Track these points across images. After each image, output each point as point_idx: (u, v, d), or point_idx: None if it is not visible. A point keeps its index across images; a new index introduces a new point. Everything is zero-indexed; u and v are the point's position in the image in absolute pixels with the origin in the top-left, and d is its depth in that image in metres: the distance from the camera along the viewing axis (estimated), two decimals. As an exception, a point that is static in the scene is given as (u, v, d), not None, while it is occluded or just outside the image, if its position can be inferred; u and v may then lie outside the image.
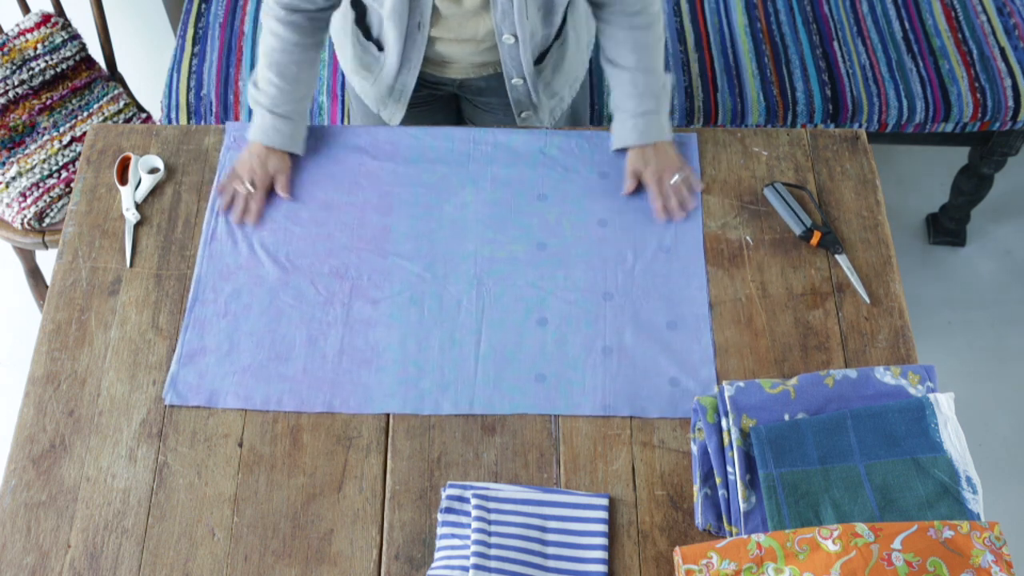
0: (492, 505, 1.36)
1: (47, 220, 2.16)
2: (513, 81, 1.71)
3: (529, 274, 1.59)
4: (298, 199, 1.66)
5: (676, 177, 1.63)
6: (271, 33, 1.62)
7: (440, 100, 1.90)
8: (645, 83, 1.64)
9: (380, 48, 1.71)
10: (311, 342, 1.52)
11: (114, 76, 2.39)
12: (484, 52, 1.69)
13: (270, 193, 1.65)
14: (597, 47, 2.33)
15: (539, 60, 1.71)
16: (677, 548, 1.31)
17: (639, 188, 1.67)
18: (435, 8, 1.58)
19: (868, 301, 1.57)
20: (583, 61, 1.84)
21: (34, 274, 2.41)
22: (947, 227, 2.75)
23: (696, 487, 1.38)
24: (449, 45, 1.68)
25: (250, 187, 1.62)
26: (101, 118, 2.28)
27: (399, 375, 1.49)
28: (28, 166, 2.17)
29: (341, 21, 1.78)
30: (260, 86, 1.65)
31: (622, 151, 1.68)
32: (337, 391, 1.48)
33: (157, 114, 2.46)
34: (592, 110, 2.29)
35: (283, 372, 1.49)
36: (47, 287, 1.99)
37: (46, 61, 2.25)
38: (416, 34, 1.62)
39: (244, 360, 1.50)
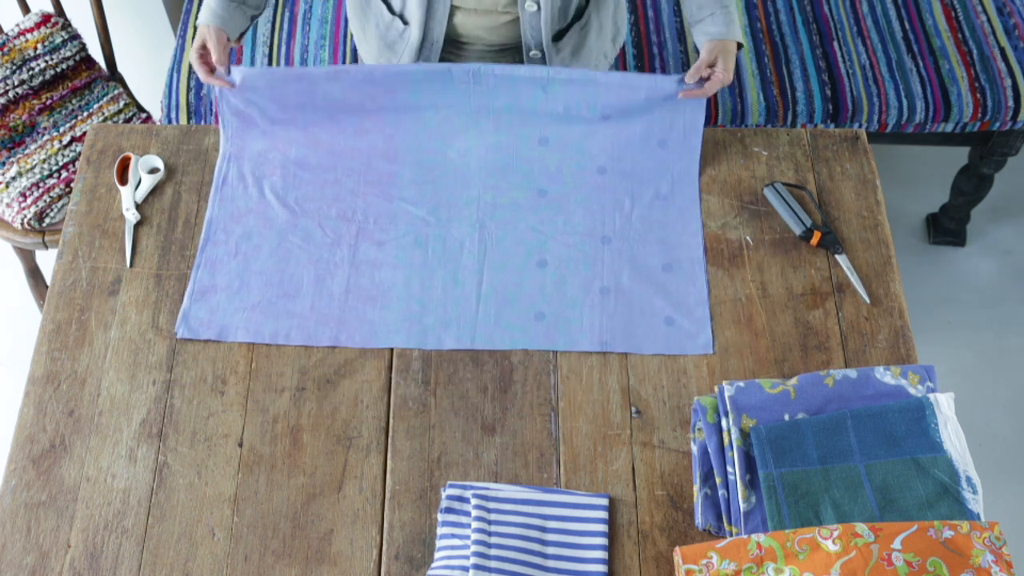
0: (492, 505, 1.36)
1: (47, 220, 2.16)
2: (531, 54, 1.72)
3: (530, 218, 1.64)
4: (305, 144, 1.69)
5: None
6: None
7: None
8: None
9: (405, 23, 1.72)
10: (318, 281, 1.58)
11: (114, 76, 2.39)
12: (503, 28, 1.69)
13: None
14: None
15: (558, 38, 1.72)
16: (677, 548, 1.31)
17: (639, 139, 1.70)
18: None
19: (868, 301, 1.57)
20: (605, 53, 1.83)
21: (34, 274, 2.41)
22: (947, 227, 2.75)
23: (696, 487, 1.38)
24: (469, 16, 1.68)
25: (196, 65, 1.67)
26: (101, 118, 2.28)
27: (403, 312, 1.55)
28: (28, 166, 2.17)
29: (363, 5, 1.78)
30: None
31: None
32: (343, 327, 1.53)
33: (157, 114, 2.46)
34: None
35: (291, 309, 1.55)
36: (47, 287, 1.99)
37: (46, 61, 2.25)
38: (437, 2, 1.64)
39: (253, 297, 1.56)
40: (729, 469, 1.36)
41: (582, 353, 1.52)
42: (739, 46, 1.66)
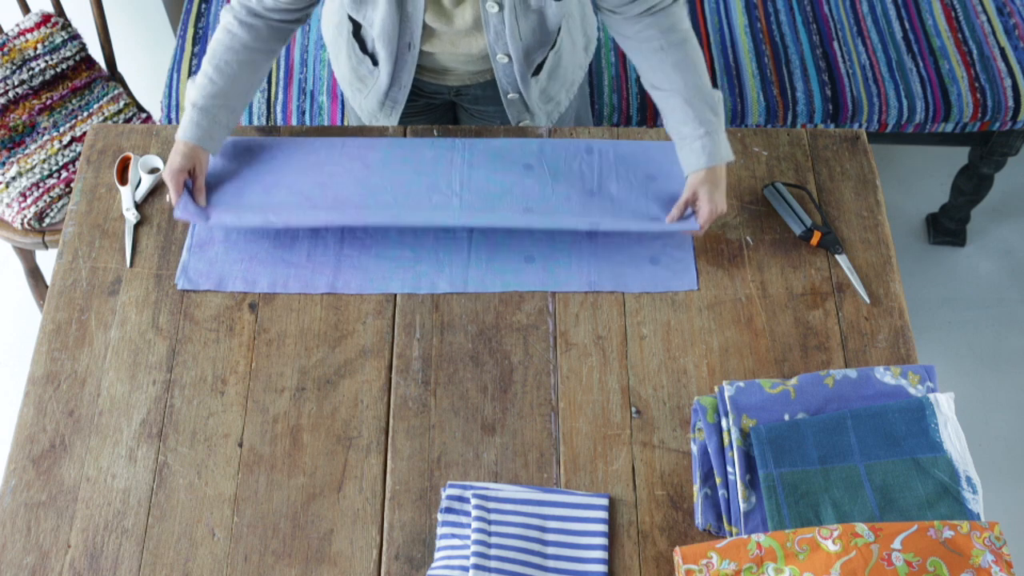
0: (492, 505, 1.36)
1: (47, 220, 2.16)
2: (509, 96, 1.71)
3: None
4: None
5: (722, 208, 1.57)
6: (225, 30, 1.57)
7: (436, 109, 1.89)
8: (699, 102, 1.54)
9: (375, 62, 1.70)
10: (314, 232, 1.62)
11: (114, 76, 2.39)
12: (480, 61, 1.69)
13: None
14: (599, 50, 2.33)
15: (536, 72, 1.71)
16: (677, 548, 1.31)
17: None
18: (426, 26, 1.57)
19: (868, 301, 1.57)
20: (580, 64, 1.83)
21: (34, 274, 2.41)
22: (947, 227, 2.75)
23: (696, 487, 1.38)
24: (444, 58, 1.68)
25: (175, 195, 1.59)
26: (101, 118, 2.28)
27: (397, 259, 1.60)
28: (28, 166, 2.17)
29: (336, 33, 1.77)
30: (196, 81, 1.59)
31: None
32: (339, 274, 1.58)
33: (157, 114, 2.46)
34: (592, 110, 2.29)
35: (288, 259, 1.60)
36: (47, 287, 1.99)
37: (46, 61, 2.25)
38: (406, 54, 1.62)
39: (251, 248, 1.60)
40: (729, 469, 1.36)
41: (582, 353, 1.52)
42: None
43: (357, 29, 1.69)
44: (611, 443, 1.44)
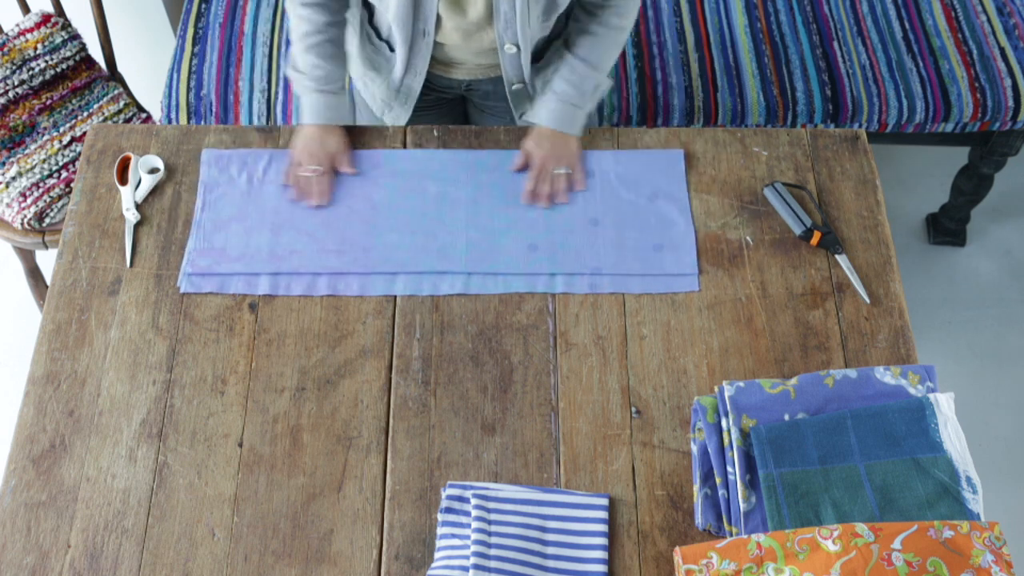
0: (492, 505, 1.36)
1: (47, 220, 2.16)
2: (514, 87, 1.72)
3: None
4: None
5: (563, 169, 1.66)
6: (301, 19, 1.64)
7: (446, 103, 1.90)
8: (583, 74, 1.66)
9: (392, 49, 1.72)
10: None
11: (114, 76, 2.39)
12: (491, 54, 1.70)
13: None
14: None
15: (537, 59, 1.72)
16: (677, 548, 1.31)
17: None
18: (440, 18, 1.59)
19: (868, 301, 1.57)
20: None
21: (34, 274, 2.41)
22: (947, 227, 2.75)
23: (696, 487, 1.38)
24: (455, 50, 1.69)
25: (316, 169, 1.66)
26: (101, 118, 2.28)
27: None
28: (28, 166, 2.17)
29: (351, 21, 1.77)
30: (303, 69, 1.67)
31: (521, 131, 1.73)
32: (341, 277, 1.59)
33: (157, 114, 2.46)
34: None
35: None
36: (47, 287, 1.99)
37: (46, 61, 2.25)
38: (420, 41, 1.63)
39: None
40: (729, 469, 1.36)
41: (582, 353, 1.52)
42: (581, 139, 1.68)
43: (371, 16, 1.71)
44: (611, 443, 1.44)
